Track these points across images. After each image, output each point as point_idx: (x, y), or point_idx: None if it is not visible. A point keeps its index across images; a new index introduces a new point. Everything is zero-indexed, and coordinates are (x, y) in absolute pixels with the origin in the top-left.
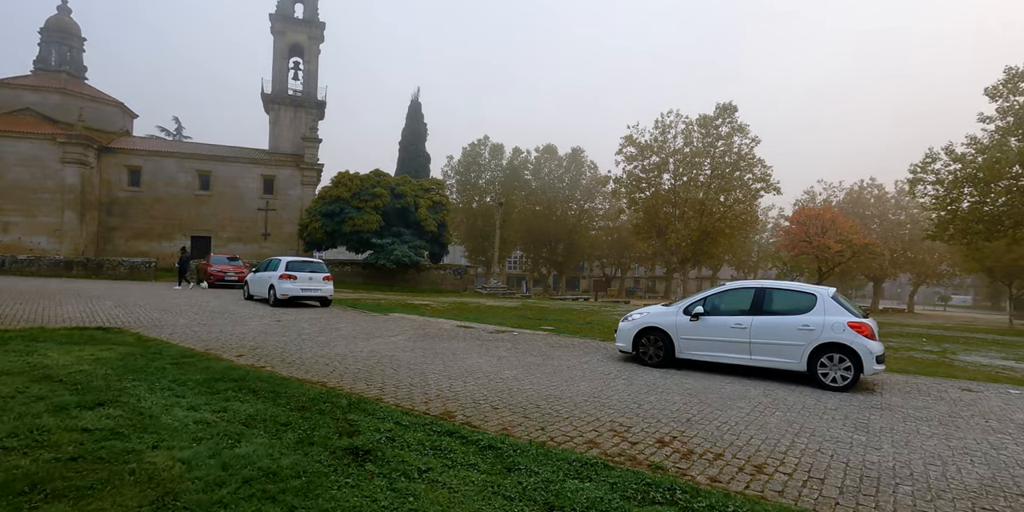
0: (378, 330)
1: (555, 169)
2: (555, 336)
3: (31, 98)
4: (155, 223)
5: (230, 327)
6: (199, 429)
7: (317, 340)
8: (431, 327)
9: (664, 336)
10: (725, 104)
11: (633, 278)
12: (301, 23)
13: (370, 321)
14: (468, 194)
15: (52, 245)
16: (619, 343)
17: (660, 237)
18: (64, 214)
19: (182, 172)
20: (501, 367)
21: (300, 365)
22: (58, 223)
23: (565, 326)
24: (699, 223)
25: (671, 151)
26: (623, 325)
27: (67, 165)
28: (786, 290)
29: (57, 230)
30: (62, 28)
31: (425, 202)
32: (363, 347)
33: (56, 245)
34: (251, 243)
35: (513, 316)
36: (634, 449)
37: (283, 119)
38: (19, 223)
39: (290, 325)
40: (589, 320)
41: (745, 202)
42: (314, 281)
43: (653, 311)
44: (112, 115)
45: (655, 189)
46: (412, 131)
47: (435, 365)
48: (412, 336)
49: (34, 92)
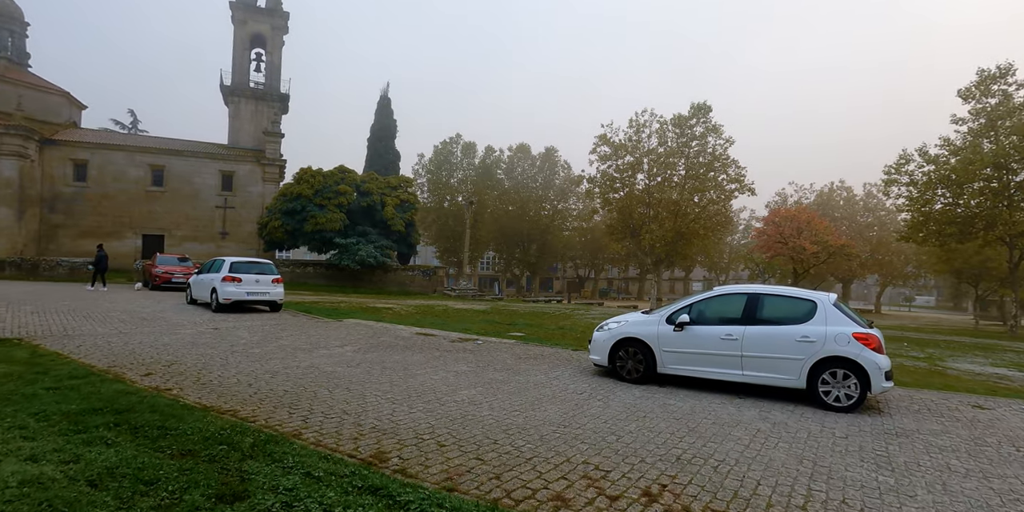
0: (326, 339)
1: (528, 169)
2: (523, 345)
3: None
4: (104, 221)
5: (155, 337)
6: (20, 496)
7: (251, 353)
8: (387, 335)
9: (644, 348)
10: (699, 104)
11: (607, 279)
12: (263, 12)
13: (320, 328)
14: (440, 193)
15: None
16: (594, 355)
17: (634, 238)
18: (0, 210)
19: (133, 166)
20: (458, 385)
21: (216, 387)
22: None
23: (535, 332)
24: (673, 224)
25: (645, 151)
26: (598, 335)
27: (3, 158)
28: (782, 296)
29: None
30: (3, 12)
31: (392, 200)
32: (302, 361)
33: None
34: (208, 242)
35: (480, 321)
36: (614, 508)
37: (243, 112)
38: None
39: (226, 334)
40: (561, 325)
41: (719, 203)
42: (262, 284)
43: (632, 319)
44: (57, 105)
45: (629, 189)
46: (381, 127)
47: (380, 384)
48: (362, 347)
49: None
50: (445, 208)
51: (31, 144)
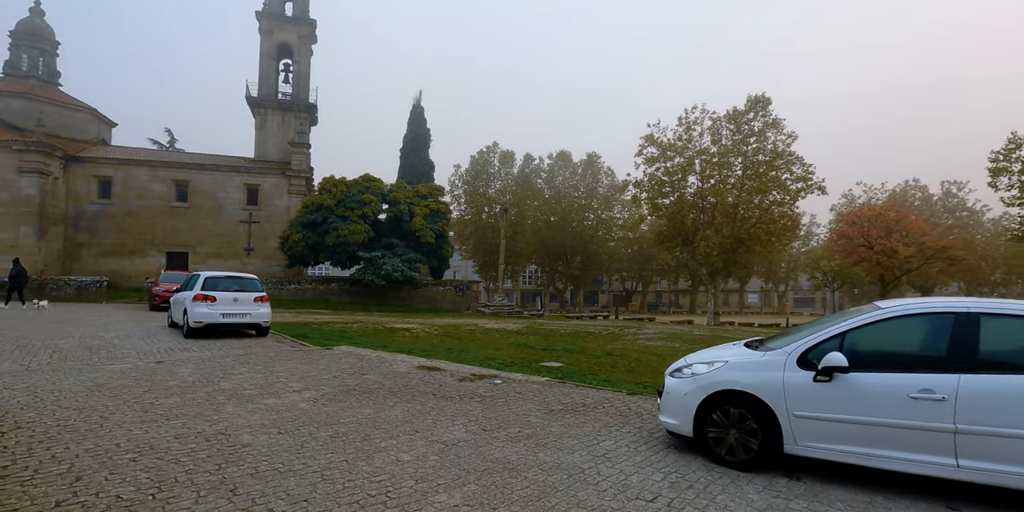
0: (287, 379)
1: (569, 177)
2: (559, 385)
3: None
4: (127, 238)
5: (63, 376)
6: None
7: (159, 404)
8: (375, 371)
9: (758, 409)
10: (757, 96)
11: (655, 292)
12: (290, 21)
13: (294, 361)
14: (478, 205)
15: (7, 264)
16: (668, 418)
17: (687, 246)
18: (20, 229)
19: (156, 182)
20: (438, 479)
21: (15, 479)
22: (14, 239)
23: (577, 361)
24: (731, 229)
25: (697, 150)
26: (675, 384)
27: (24, 175)
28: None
29: (13, 247)
30: (34, 31)
31: (421, 210)
32: (219, 421)
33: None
34: (232, 259)
35: (510, 345)
36: None
37: (270, 124)
38: None
39: (162, 371)
40: (610, 349)
41: (784, 204)
42: (241, 303)
43: (733, 358)
44: (83, 122)
45: (680, 193)
46: (414, 137)
47: (305, 474)
48: (328, 391)
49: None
50: (483, 220)
51: (53, 161)
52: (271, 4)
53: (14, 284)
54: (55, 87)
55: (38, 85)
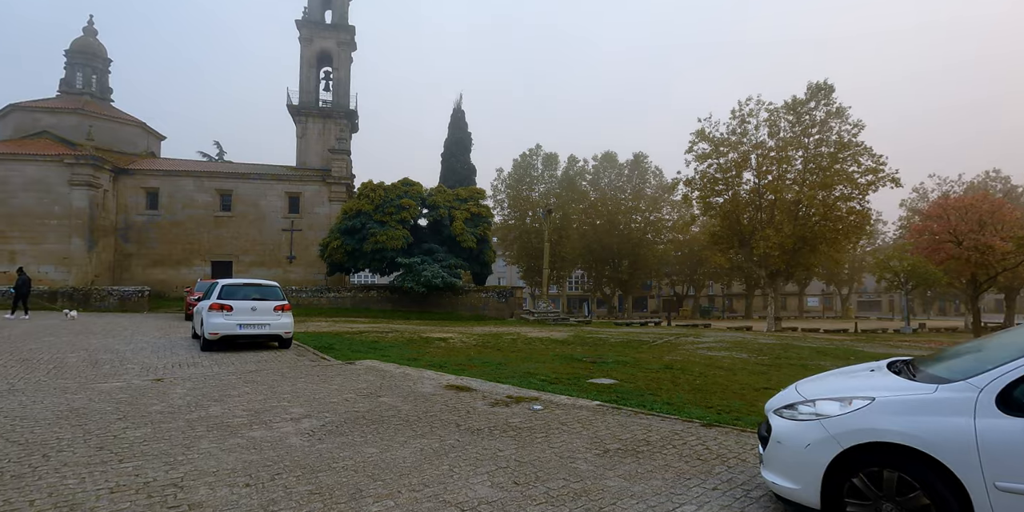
0: (290, 403)
1: (615, 178)
2: (613, 411)
3: (48, 121)
4: (173, 248)
5: (42, 397)
6: None
7: (123, 438)
8: (394, 392)
9: (932, 474)
10: (819, 83)
11: (707, 296)
12: (329, 28)
13: (307, 380)
14: (521, 209)
15: (60, 274)
16: (777, 477)
17: (744, 247)
18: (71, 241)
19: (201, 192)
20: None
21: None
22: (65, 250)
23: (631, 377)
24: (793, 228)
25: (753, 145)
26: (790, 431)
27: (75, 188)
28: None
29: (65, 258)
30: (87, 50)
31: (462, 214)
32: (182, 463)
33: (64, 274)
34: (275, 267)
35: (555, 357)
36: None
37: (311, 132)
38: (26, 251)
39: (154, 392)
40: (668, 362)
41: (853, 199)
42: (259, 313)
43: (877, 391)
44: (133, 136)
45: (735, 191)
46: (454, 141)
47: None
48: (332, 420)
49: (51, 114)
50: (527, 224)
51: (103, 174)
52: (311, 12)
53: (19, 294)
54: (107, 103)
55: (91, 101)
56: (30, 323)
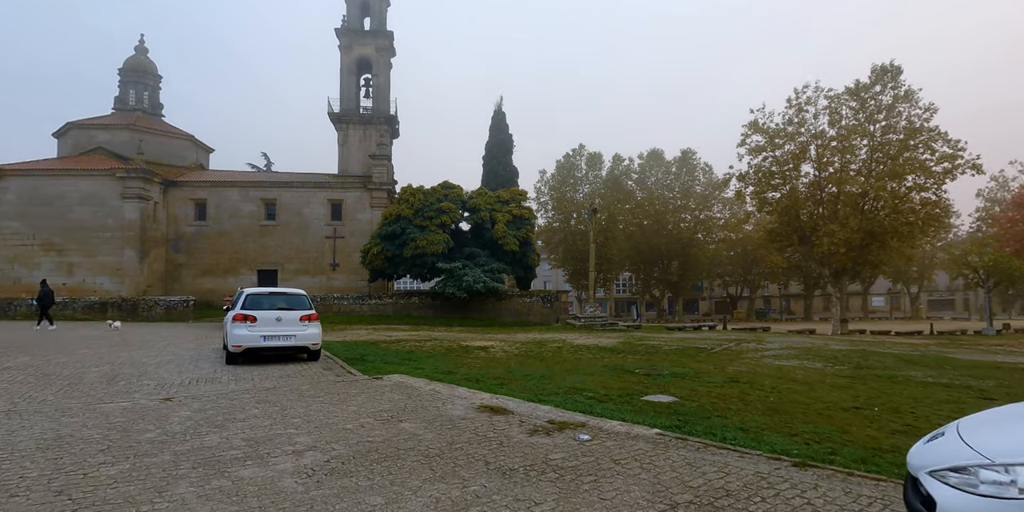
0: (300, 429)
1: (663, 177)
2: (677, 444)
3: (102, 137)
4: (221, 258)
5: (35, 421)
6: None
7: (92, 477)
8: (420, 415)
9: None
10: (884, 65)
11: (763, 297)
12: (368, 35)
13: (324, 399)
14: (565, 210)
15: (114, 285)
16: None
17: (804, 245)
18: (124, 252)
19: (246, 202)
20: None
21: None
22: (119, 262)
23: (693, 393)
24: (859, 222)
25: (812, 135)
26: (971, 509)
27: (126, 201)
28: None
29: (119, 269)
30: (139, 68)
31: (503, 216)
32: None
33: (118, 285)
34: (319, 275)
35: (603, 368)
36: None
37: (352, 139)
38: (82, 264)
39: (156, 414)
40: (733, 374)
41: (927, 189)
42: (285, 323)
43: None
44: (182, 149)
45: (792, 185)
46: (496, 143)
47: None
48: (342, 453)
49: (104, 131)
50: (571, 226)
51: (153, 187)
52: (349, 20)
53: (42, 305)
54: (158, 118)
55: (142, 117)
56: (72, 334)
